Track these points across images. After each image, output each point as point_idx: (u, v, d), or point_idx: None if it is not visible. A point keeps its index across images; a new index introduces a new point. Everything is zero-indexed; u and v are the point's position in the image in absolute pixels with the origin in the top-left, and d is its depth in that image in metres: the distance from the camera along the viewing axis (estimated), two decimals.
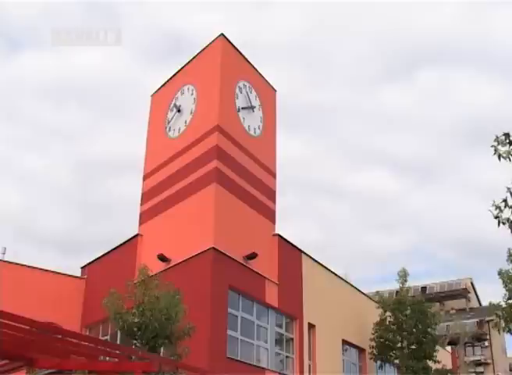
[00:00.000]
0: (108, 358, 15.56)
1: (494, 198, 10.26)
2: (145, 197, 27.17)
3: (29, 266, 27.47)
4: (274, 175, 27.37)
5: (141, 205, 27.24)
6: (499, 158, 9.81)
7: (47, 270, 28.16)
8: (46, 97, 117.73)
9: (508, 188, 10.12)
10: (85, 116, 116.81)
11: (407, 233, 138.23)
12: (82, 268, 29.98)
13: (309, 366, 26.59)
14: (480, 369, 74.60)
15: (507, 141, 9.94)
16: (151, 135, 28.65)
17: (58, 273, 28.68)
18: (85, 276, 29.18)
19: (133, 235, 26.59)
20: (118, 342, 20.59)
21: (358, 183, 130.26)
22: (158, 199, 26.10)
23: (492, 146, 9.88)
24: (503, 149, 9.88)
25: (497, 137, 9.92)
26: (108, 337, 24.74)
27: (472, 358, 74.13)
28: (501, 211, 10.23)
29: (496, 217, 10.26)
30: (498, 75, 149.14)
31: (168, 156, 26.34)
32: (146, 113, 29.53)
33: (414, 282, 42.34)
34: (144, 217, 26.62)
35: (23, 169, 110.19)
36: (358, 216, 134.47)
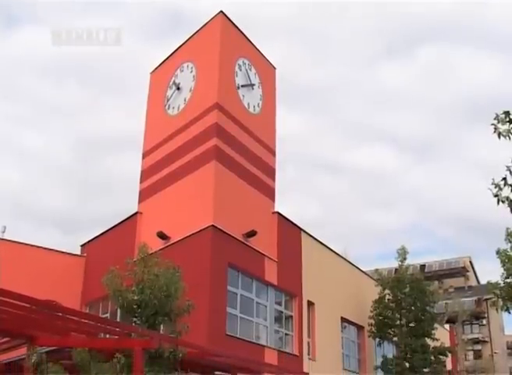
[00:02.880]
0: (108, 335, 15.65)
1: (493, 177, 10.22)
2: (144, 175, 27.14)
3: (29, 244, 27.48)
4: (273, 153, 27.33)
5: (141, 182, 27.21)
6: (499, 137, 9.76)
7: (47, 248, 28.19)
8: (45, 74, 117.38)
9: (508, 167, 10.08)
10: (85, 94, 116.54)
11: (406, 210, 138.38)
12: (82, 246, 30.03)
13: (308, 343, 26.72)
14: (478, 347, 75.03)
15: (507, 119, 9.89)
16: (151, 113, 28.56)
17: (58, 251, 28.71)
18: (85, 254, 29.22)
19: (132, 213, 26.60)
20: (118, 320, 20.62)
21: (357, 160, 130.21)
22: (157, 177, 26.07)
23: (491, 124, 9.83)
24: (502, 127, 9.84)
25: (497, 115, 9.87)
26: (108, 315, 24.82)
27: (470, 336, 74.53)
28: (500, 189, 10.20)
29: (496, 195, 10.24)
30: (498, 53, 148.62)
31: (168, 134, 26.27)
32: (145, 91, 29.45)
33: (413, 260, 42.35)
34: (144, 195, 26.61)
35: (22, 146, 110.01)
36: (357, 193, 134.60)
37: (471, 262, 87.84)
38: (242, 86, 26.19)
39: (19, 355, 16.30)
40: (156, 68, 29.56)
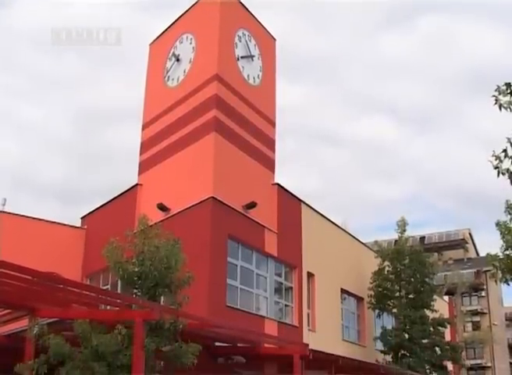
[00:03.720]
0: (108, 307, 15.73)
1: (494, 149, 10.21)
2: (144, 146, 27.07)
3: (29, 217, 27.49)
4: (273, 124, 27.23)
5: (140, 154, 27.15)
6: (500, 108, 9.74)
7: (47, 221, 28.21)
8: (44, 46, 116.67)
9: (508, 139, 10.07)
10: (84, 66, 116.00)
11: (407, 182, 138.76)
12: (82, 218, 30.07)
13: (308, 314, 26.86)
14: (476, 318, 75.47)
15: (508, 90, 9.86)
16: (150, 84, 28.40)
17: (59, 223, 28.74)
18: (85, 227, 29.27)
19: (132, 185, 26.58)
20: (118, 291, 20.71)
21: (358, 131, 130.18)
22: (157, 149, 26.01)
23: (492, 96, 9.80)
24: (503, 99, 9.81)
25: (498, 86, 9.84)
26: (108, 287, 24.91)
27: (469, 308, 74.92)
28: (501, 161, 10.20)
29: (496, 167, 10.23)
30: (500, 23, 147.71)
31: (168, 105, 26.14)
32: (145, 62, 29.26)
33: (412, 232, 42.48)
34: (144, 167, 26.57)
35: (21, 119, 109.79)
36: (358, 164, 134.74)
37: (470, 234, 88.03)
38: (242, 57, 26.02)
39: (21, 327, 16.40)
40: (155, 39, 29.34)
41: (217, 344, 19.70)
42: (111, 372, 13.41)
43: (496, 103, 9.66)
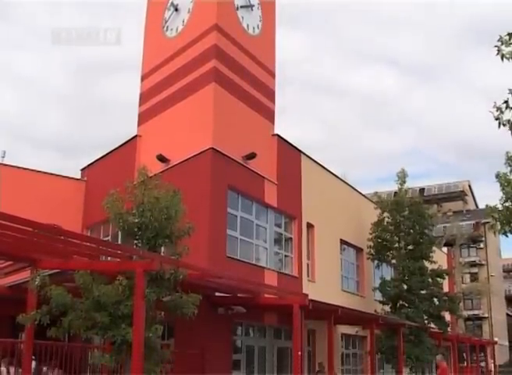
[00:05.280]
0: (109, 258, 15.80)
1: (495, 100, 10.15)
2: (143, 97, 26.87)
3: (29, 169, 27.50)
4: (273, 75, 26.99)
5: (140, 105, 26.96)
6: (502, 59, 9.65)
7: (47, 173, 28.24)
8: None
9: (510, 89, 10.00)
10: (82, 17, 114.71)
11: (407, 134, 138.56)
12: (82, 170, 30.08)
13: (307, 265, 27.05)
14: (474, 269, 76.06)
15: (511, 41, 9.75)
16: (149, 35, 28.06)
17: (59, 175, 28.76)
18: (85, 178, 29.30)
19: (132, 136, 26.48)
20: (119, 242, 20.79)
21: (358, 82, 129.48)
22: (156, 100, 25.82)
23: (495, 46, 9.70)
24: (506, 49, 9.71)
25: (501, 37, 9.73)
26: (109, 238, 25.02)
27: (467, 260, 75.47)
28: (502, 112, 10.16)
29: (497, 119, 10.19)
30: None
31: (166, 56, 25.84)
32: (143, 13, 28.85)
33: (412, 183, 42.59)
34: (143, 118, 26.42)
35: (20, 72, 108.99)
36: (358, 116, 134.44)
37: (470, 186, 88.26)
38: (241, 7, 25.64)
39: (23, 278, 16.53)
40: None
41: (217, 294, 19.89)
42: (112, 322, 13.55)
43: (498, 53, 9.56)
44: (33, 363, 17.03)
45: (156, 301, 13.98)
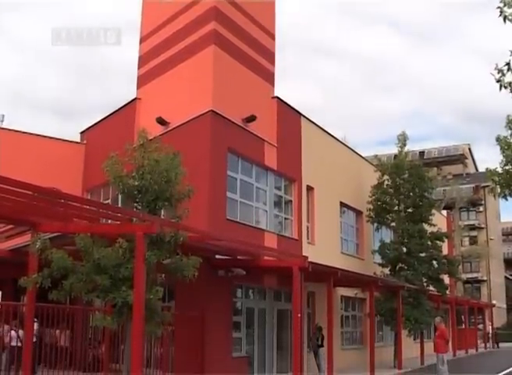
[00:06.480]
0: (109, 221, 15.83)
1: (497, 62, 10.08)
2: (142, 60, 26.66)
3: (28, 133, 27.44)
4: (273, 37, 26.74)
5: (139, 68, 26.74)
6: (505, 21, 9.57)
7: (46, 136, 28.17)
8: None
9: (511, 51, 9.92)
10: None
11: (408, 96, 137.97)
12: (81, 133, 30.01)
13: (307, 227, 27.12)
14: (474, 233, 76.51)
15: None
16: None
17: (58, 138, 28.71)
18: (84, 142, 29.25)
19: (131, 99, 26.34)
20: (119, 205, 20.81)
21: (358, 44, 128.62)
22: (155, 62, 25.62)
23: (497, 7, 9.60)
24: (509, 11, 9.62)
25: None
26: (109, 201, 25.08)
27: (467, 223, 75.87)
28: (503, 75, 10.11)
29: (498, 81, 10.14)
30: None
31: (165, 18, 25.58)
32: None
33: (412, 146, 42.47)
34: (142, 81, 26.24)
35: (18, 35, 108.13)
36: (358, 78, 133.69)
37: (470, 149, 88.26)
38: None
39: (24, 242, 16.59)
40: None
41: (217, 256, 19.97)
42: (113, 284, 13.62)
43: (500, 15, 9.47)
44: (35, 325, 17.22)
45: (156, 263, 14.05)
